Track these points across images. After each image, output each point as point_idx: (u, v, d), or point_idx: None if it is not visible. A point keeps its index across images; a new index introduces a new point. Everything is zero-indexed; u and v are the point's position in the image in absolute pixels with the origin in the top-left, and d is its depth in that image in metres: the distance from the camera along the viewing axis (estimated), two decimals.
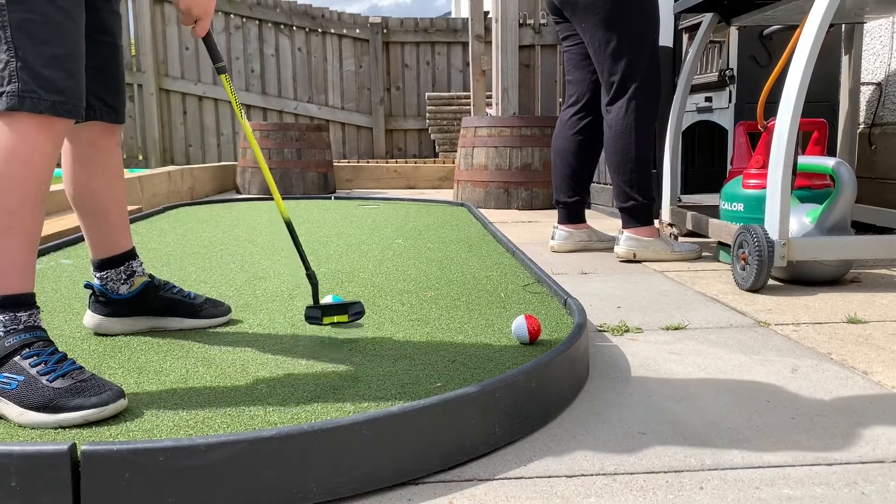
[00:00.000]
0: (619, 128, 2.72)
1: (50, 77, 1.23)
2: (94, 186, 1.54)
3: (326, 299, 1.75)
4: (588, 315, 1.92)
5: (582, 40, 2.90)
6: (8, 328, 1.20)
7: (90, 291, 1.63)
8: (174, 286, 1.68)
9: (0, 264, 1.21)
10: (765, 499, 0.98)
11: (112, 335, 1.62)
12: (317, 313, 1.58)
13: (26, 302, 1.23)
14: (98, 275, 1.62)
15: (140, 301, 1.63)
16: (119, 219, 1.60)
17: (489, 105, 6.27)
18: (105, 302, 1.62)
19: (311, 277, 1.60)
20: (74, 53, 1.29)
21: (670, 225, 3.05)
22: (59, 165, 1.41)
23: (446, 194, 6.06)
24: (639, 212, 2.76)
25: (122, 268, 1.62)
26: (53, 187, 4.01)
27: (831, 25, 2.67)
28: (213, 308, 1.71)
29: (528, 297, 1.97)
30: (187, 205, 4.76)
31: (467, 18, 6.56)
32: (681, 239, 3.04)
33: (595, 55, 2.79)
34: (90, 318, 1.63)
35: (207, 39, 1.54)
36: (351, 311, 1.62)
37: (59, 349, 1.24)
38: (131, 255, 1.64)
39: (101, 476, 0.90)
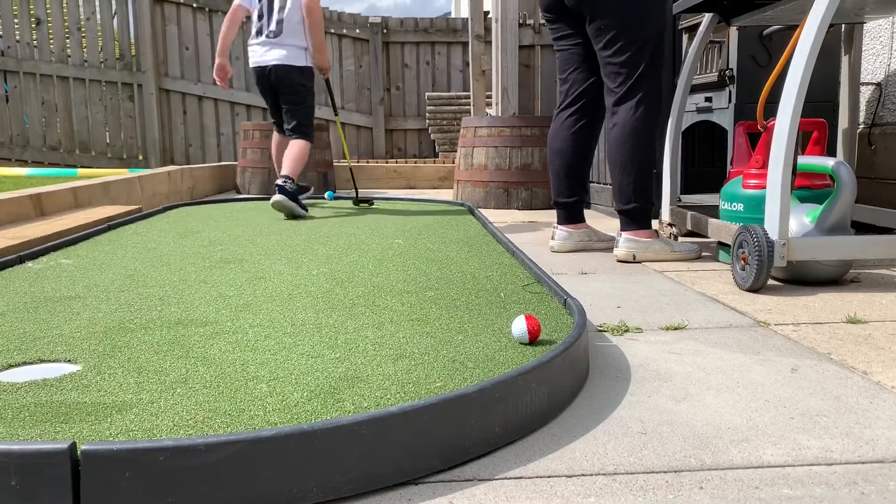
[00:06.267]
0: (626, 129, 2.71)
1: None
2: None
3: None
4: (588, 315, 1.92)
5: (580, 40, 2.88)
6: None
7: None
8: None
9: None
10: (765, 499, 0.98)
11: None
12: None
13: None
14: None
15: None
16: None
17: (489, 105, 6.27)
18: None
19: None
20: None
21: (670, 225, 3.05)
22: (63, 166, 1.45)
23: (446, 194, 6.06)
24: (639, 215, 2.76)
25: None
26: (55, 187, 4.01)
27: (831, 25, 2.67)
28: None
29: (528, 297, 1.97)
30: (187, 205, 4.76)
31: (467, 18, 6.56)
32: (680, 239, 3.04)
33: (608, 55, 2.74)
34: None
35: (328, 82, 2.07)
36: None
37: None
38: None
39: (101, 475, 0.90)
